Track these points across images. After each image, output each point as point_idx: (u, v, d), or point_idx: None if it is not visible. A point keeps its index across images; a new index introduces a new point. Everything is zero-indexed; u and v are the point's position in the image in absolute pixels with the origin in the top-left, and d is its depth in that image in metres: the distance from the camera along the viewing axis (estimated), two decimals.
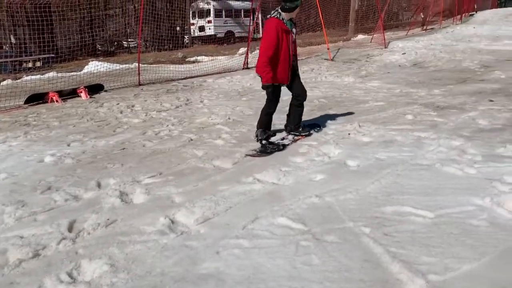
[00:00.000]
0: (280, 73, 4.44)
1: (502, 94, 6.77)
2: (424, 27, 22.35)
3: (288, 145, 4.63)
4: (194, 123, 5.85)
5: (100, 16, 21.69)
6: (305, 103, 4.85)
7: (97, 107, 7.29)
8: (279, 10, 4.36)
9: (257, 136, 4.63)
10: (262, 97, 7.69)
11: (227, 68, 11.98)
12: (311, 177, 3.63)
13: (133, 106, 7.21)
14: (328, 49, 13.16)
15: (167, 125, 5.78)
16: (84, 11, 18.33)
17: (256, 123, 4.73)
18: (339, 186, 3.36)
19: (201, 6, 24.10)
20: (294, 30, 4.51)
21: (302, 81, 4.84)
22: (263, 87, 4.37)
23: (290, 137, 4.86)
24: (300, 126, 4.91)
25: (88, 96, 8.28)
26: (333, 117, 5.77)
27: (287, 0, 4.28)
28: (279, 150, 4.46)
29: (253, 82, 9.52)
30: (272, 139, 4.69)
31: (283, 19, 4.34)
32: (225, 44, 21.66)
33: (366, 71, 10.47)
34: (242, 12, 24.93)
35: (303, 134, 4.89)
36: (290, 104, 4.88)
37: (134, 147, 4.81)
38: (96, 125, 5.99)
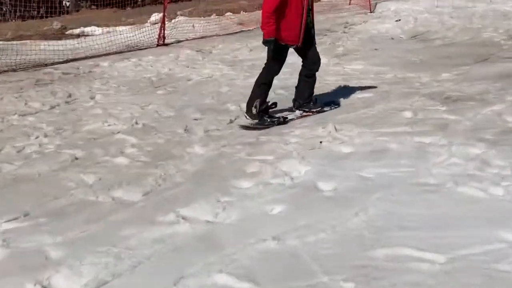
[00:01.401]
0: (289, 31, 5.39)
1: None
2: None
3: (291, 119, 5.60)
4: (81, 132, 5.75)
5: None
6: None
7: None
8: None
9: (255, 107, 5.44)
10: (190, 89, 7.71)
11: (132, 45, 11.87)
12: (266, 210, 3.66)
13: None
14: None
15: (37, 137, 5.62)
16: None
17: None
18: (306, 222, 3.41)
19: None
20: None
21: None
22: (264, 43, 5.34)
23: (298, 112, 5.82)
24: (311, 100, 5.88)
25: None
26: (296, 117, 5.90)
27: None
28: (280, 123, 5.49)
29: (173, 66, 9.50)
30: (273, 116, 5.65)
31: None
32: (129, 8, 21.48)
33: (344, 47, 10.75)
34: None
35: (314, 110, 5.90)
36: (300, 74, 5.91)
37: None
38: None
